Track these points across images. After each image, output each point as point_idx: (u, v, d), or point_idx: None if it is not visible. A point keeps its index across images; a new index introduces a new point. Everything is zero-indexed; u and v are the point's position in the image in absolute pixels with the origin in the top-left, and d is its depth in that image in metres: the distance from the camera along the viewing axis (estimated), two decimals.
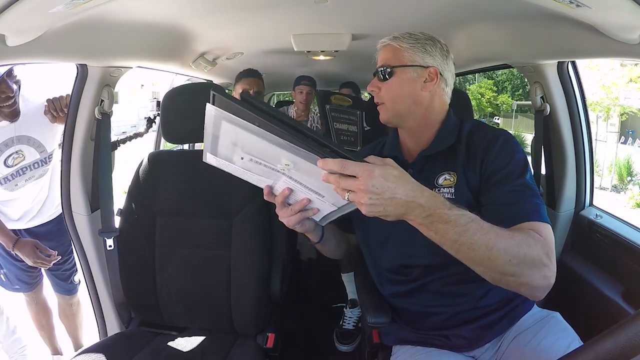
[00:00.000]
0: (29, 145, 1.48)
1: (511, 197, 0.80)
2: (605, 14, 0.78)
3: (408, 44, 0.91)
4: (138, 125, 3.14)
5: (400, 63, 0.91)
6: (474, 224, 0.65)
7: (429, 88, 0.91)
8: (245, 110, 0.56)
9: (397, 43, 0.91)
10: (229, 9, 1.24)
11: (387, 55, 0.93)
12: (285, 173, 0.66)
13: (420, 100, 0.92)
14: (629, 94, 10.47)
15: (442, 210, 0.63)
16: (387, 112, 0.94)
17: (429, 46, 0.91)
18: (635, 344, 0.40)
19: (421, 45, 0.91)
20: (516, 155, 0.84)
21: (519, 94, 21.54)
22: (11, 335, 1.71)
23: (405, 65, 0.90)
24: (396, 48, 0.92)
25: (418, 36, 0.92)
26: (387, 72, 0.92)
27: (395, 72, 0.91)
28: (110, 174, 1.35)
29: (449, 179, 0.89)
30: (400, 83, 0.91)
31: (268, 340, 1.22)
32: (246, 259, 1.22)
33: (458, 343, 0.92)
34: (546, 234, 0.74)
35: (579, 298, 1.24)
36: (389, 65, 0.92)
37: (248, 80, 1.84)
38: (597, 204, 1.43)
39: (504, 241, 0.66)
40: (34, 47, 0.86)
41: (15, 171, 1.48)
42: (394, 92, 0.92)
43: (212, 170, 1.29)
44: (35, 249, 1.47)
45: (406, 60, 0.91)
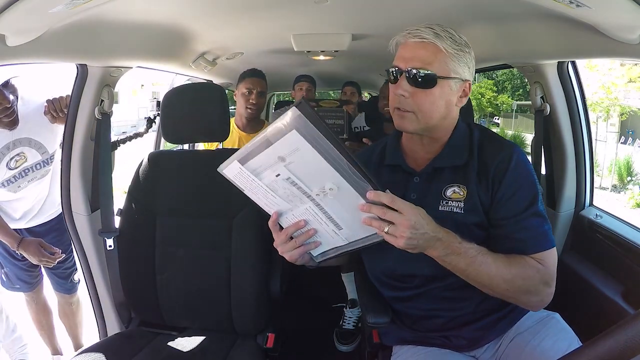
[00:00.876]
0: (30, 147, 1.48)
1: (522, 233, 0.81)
2: (605, 14, 0.78)
3: (453, 49, 0.79)
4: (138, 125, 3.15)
5: (445, 73, 0.79)
6: (480, 256, 0.75)
7: (462, 103, 0.85)
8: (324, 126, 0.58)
9: (443, 45, 0.78)
10: (229, 9, 1.24)
11: (430, 56, 0.78)
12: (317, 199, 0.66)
13: (450, 115, 0.86)
14: (629, 94, 10.47)
15: (455, 244, 0.73)
16: (417, 123, 0.83)
17: (468, 57, 0.82)
18: (635, 344, 0.40)
19: (464, 56, 0.81)
20: (528, 180, 0.83)
21: (519, 94, 21.54)
22: (11, 335, 1.71)
23: (450, 77, 0.80)
24: (440, 51, 0.78)
25: (458, 39, 0.80)
26: (428, 79, 0.78)
27: (439, 82, 0.79)
28: (110, 174, 1.35)
29: (459, 192, 0.85)
30: (440, 95, 0.80)
31: (268, 340, 1.22)
32: (246, 259, 1.22)
33: (458, 344, 0.92)
34: (548, 262, 0.80)
35: (579, 298, 1.24)
36: (432, 72, 0.78)
37: (252, 80, 1.84)
38: (597, 204, 1.43)
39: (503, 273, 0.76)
40: (34, 47, 0.86)
41: (18, 173, 1.48)
42: (432, 105, 0.81)
43: (212, 170, 1.29)
44: (40, 248, 1.47)
45: (451, 70, 0.80)
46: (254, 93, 1.81)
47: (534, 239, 0.81)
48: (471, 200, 0.84)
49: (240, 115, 1.88)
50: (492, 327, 0.90)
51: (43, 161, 1.52)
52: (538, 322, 0.90)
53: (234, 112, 3.11)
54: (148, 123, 1.88)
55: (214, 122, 1.28)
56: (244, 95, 1.82)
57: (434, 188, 0.87)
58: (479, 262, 0.74)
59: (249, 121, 1.87)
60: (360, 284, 1.15)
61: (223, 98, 1.30)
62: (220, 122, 1.28)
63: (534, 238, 0.81)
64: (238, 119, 1.91)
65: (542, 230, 0.81)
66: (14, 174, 1.47)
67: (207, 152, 1.49)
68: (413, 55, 0.79)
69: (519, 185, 0.82)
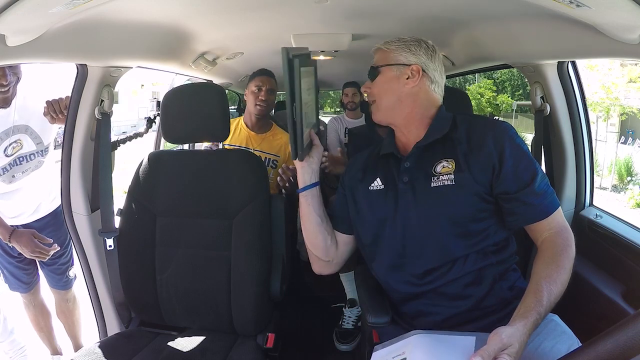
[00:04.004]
0: (27, 134, 1.47)
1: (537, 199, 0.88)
2: (605, 14, 0.78)
3: (394, 46, 0.99)
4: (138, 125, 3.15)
5: (384, 62, 0.99)
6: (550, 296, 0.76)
7: (411, 84, 0.97)
8: None
9: (386, 46, 1.00)
10: (229, 9, 1.24)
11: (377, 57, 1.02)
12: None
13: (404, 97, 0.98)
14: (629, 94, 10.46)
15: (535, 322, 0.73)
16: (378, 110, 1.01)
17: (413, 47, 0.98)
18: (635, 344, 0.40)
19: (406, 46, 0.98)
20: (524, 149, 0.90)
21: (519, 94, 21.53)
22: (9, 336, 1.71)
23: (389, 64, 0.98)
24: (384, 51, 1.00)
25: (405, 39, 0.99)
26: (375, 72, 1.00)
27: (381, 71, 0.99)
28: (110, 174, 1.35)
29: (447, 166, 0.92)
30: (385, 81, 0.99)
31: (268, 340, 1.22)
32: (246, 259, 1.22)
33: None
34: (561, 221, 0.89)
35: (579, 298, 1.24)
36: (377, 65, 1.00)
37: (262, 77, 1.83)
38: (597, 203, 1.43)
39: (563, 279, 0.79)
40: (34, 47, 0.86)
41: (13, 161, 1.47)
42: (380, 89, 1.00)
43: (212, 170, 1.29)
44: (32, 239, 1.44)
45: (391, 60, 0.98)
46: (264, 90, 1.81)
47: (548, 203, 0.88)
48: (461, 171, 0.90)
49: (249, 114, 1.88)
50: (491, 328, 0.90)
51: (37, 152, 1.51)
52: None
53: (234, 112, 3.10)
54: (148, 123, 1.88)
55: (214, 122, 1.28)
56: (254, 93, 1.82)
57: (424, 167, 0.94)
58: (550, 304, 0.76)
59: (258, 120, 1.87)
60: (360, 283, 1.15)
61: (223, 98, 1.30)
62: (220, 122, 1.28)
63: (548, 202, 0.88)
64: (247, 117, 1.90)
65: (550, 191, 0.90)
66: (10, 161, 1.46)
67: (207, 152, 1.49)
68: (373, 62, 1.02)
69: (520, 157, 0.89)
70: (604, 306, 1.14)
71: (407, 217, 0.94)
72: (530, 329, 0.72)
